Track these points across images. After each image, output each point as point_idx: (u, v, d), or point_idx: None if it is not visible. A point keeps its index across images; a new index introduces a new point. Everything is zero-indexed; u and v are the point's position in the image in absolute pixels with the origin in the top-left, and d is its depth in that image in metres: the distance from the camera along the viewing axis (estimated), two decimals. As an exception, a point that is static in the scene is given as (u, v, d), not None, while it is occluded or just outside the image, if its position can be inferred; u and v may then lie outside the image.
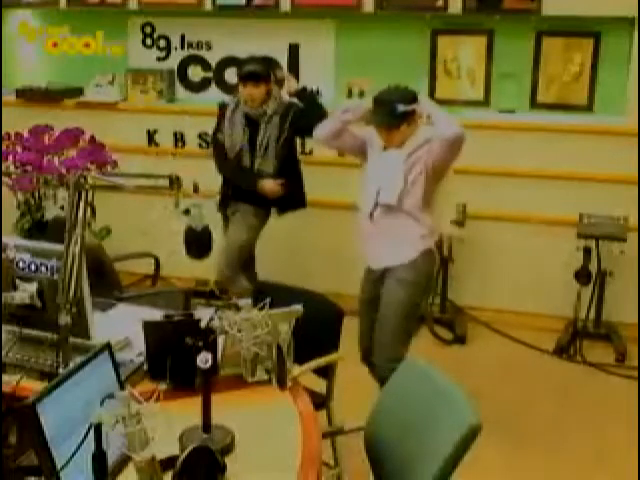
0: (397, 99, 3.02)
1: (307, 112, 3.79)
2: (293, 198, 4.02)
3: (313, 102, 3.92)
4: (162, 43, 4.99)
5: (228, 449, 1.80)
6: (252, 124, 3.87)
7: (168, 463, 1.60)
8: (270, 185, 3.90)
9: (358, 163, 3.83)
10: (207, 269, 3.87)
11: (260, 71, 3.81)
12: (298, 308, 2.14)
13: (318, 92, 4.81)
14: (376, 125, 3.09)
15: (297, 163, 4.12)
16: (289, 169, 3.99)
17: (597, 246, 4.18)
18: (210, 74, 4.95)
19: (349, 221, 4.63)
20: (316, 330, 2.40)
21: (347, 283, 4.23)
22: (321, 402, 2.61)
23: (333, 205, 4.60)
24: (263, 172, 3.88)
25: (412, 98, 3.06)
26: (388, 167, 3.09)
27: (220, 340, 2.06)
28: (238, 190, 4.01)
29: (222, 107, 3.99)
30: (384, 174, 3.10)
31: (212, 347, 1.92)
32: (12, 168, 4.22)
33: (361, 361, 3.36)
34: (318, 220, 4.66)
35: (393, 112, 2.99)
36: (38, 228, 4.27)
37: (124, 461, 1.64)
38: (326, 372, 2.61)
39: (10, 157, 4.24)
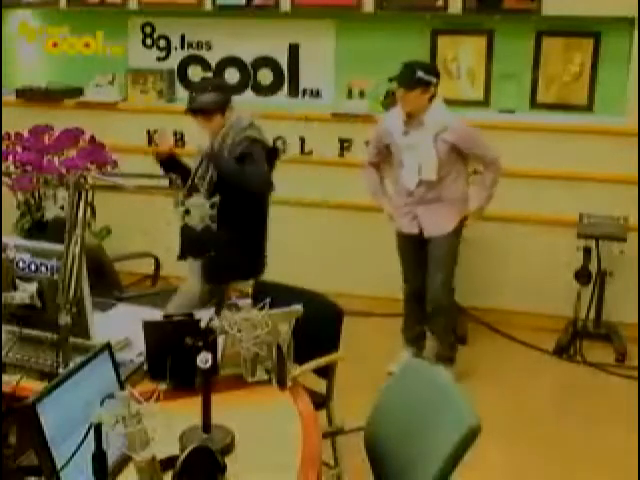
0: (419, 67, 3.54)
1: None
2: (232, 263, 3.34)
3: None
4: (162, 43, 4.99)
5: (228, 449, 1.80)
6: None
7: (168, 463, 1.60)
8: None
9: (358, 163, 3.85)
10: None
11: (207, 105, 3.25)
12: (298, 308, 2.14)
13: (319, 92, 4.82)
14: (397, 84, 3.60)
15: (247, 217, 3.34)
16: (232, 222, 3.17)
17: (597, 246, 4.18)
18: (210, 74, 4.95)
19: (349, 221, 4.65)
20: (316, 330, 2.40)
21: (347, 283, 4.25)
22: (321, 402, 2.61)
23: (333, 205, 4.60)
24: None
25: (433, 72, 3.60)
26: (420, 147, 3.58)
27: (220, 340, 2.06)
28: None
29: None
30: (418, 153, 3.59)
31: (212, 347, 1.92)
32: (12, 168, 4.23)
33: (409, 302, 3.95)
34: (318, 220, 4.66)
35: (412, 75, 3.50)
36: (38, 228, 4.27)
37: (124, 461, 1.64)
38: (326, 372, 2.61)
39: (10, 157, 4.24)
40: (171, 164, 3.28)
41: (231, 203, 2.97)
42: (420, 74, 3.49)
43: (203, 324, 2.05)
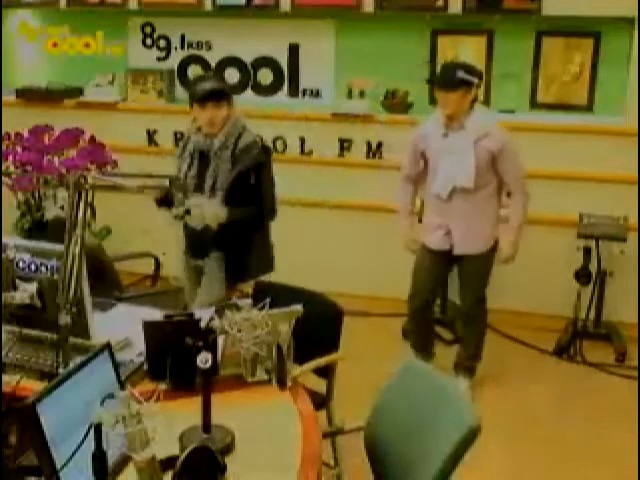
0: (460, 67, 3.42)
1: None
2: (249, 260, 3.23)
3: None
4: (162, 43, 4.99)
5: (228, 449, 1.80)
6: (202, 157, 3.17)
7: (168, 463, 1.60)
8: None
9: (358, 163, 3.84)
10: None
11: (221, 87, 3.16)
12: (298, 308, 2.14)
13: (319, 92, 4.82)
14: (437, 86, 3.47)
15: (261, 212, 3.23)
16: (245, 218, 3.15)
17: (597, 246, 4.18)
18: (210, 74, 4.94)
19: (349, 221, 4.65)
20: (316, 330, 2.40)
21: (347, 283, 4.25)
22: (321, 402, 2.61)
23: (333, 205, 4.60)
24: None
25: (475, 72, 3.42)
26: (458, 151, 3.40)
27: (220, 340, 2.06)
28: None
29: (179, 139, 3.35)
30: (456, 158, 3.41)
31: (212, 347, 1.93)
32: (12, 168, 4.23)
33: (416, 319, 3.79)
34: (318, 220, 4.66)
35: (453, 76, 3.35)
36: (38, 228, 4.28)
37: (124, 461, 1.64)
38: (326, 372, 2.61)
39: (10, 157, 4.24)
40: (166, 199, 3.14)
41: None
42: (461, 74, 3.34)
43: (203, 324, 2.05)
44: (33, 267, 2.25)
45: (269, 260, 3.34)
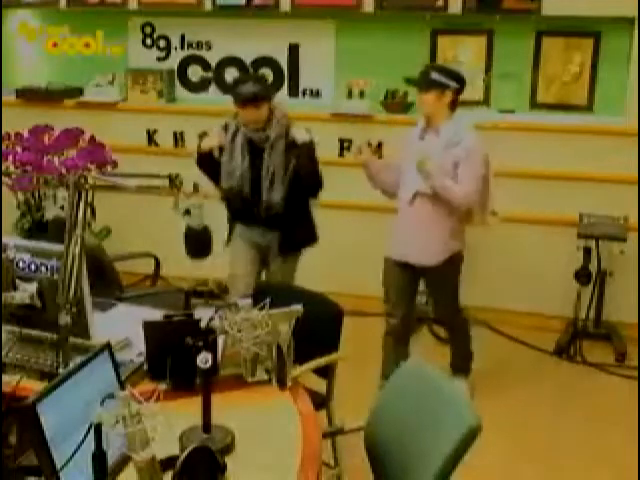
0: (437, 68, 3.43)
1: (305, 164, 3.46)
2: (302, 233, 3.63)
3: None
4: (162, 43, 4.99)
5: (228, 449, 1.80)
6: (255, 150, 3.45)
7: (168, 463, 1.60)
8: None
9: (358, 163, 3.84)
10: (207, 269, 3.87)
11: (260, 92, 3.37)
12: (298, 308, 2.14)
13: (319, 92, 4.82)
14: (413, 86, 3.52)
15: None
16: (298, 200, 3.53)
17: (597, 246, 4.18)
18: (210, 74, 4.95)
19: (349, 221, 4.65)
20: (316, 330, 2.40)
21: (347, 283, 4.25)
22: (321, 402, 2.61)
23: (333, 205, 4.60)
24: (272, 202, 3.44)
25: (453, 75, 3.36)
26: (428, 154, 3.32)
27: (220, 340, 2.06)
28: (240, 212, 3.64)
29: (224, 129, 3.56)
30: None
31: (212, 347, 1.93)
32: (12, 168, 4.22)
33: (390, 340, 3.69)
34: (318, 220, 4.66)
35: (427, 76, 3.35)
36: (38, 228, 4.28)
37: (124, 461, 1.64)
38: (326, 372, 2.61)
39: (10, 157, 4.24)
40: (207, 159, 3.48)
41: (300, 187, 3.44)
42: (435, 76, 3.32)
43: (203, 324, 2.05)
44: (33, 267, 2.25)
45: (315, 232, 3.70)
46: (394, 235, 3.56)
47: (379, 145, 4.52)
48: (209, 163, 3.49)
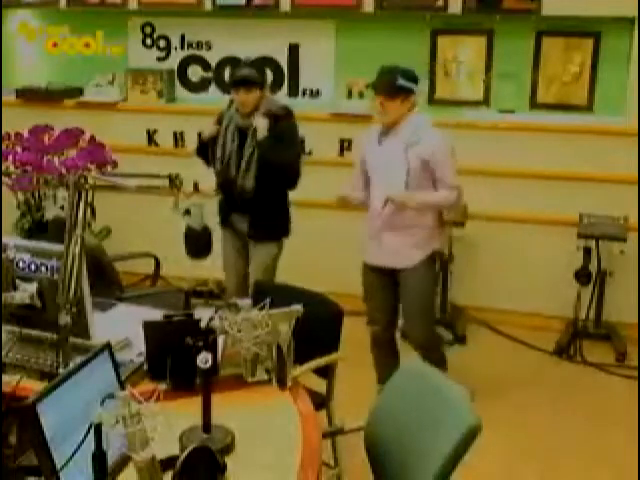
0: (400, 73, 3.22)
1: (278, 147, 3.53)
2: (272, 221, 3.71)
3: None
4: (162, 43, 4.99)
5: (228, 449, 1.80)
6: (243, 135, 3.61)
7: (168, 463, 1.60)
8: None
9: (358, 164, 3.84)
10: (207, 269, 3.88)
11: (252, 76, 3.55)
12: (298, 308, 2.14)
13: (319, 92, 4.82)
14: (376, 92, 3.26)
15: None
16: (270, 187, 3.62)
17: (597, 246, 4.18)
18: (210, 74, 4.95)
19: (349, 221, 4.65)
20: (316, 330, 2.40)
21: (347, 283, 4.23)
22: (321, 402, 2.61)
23: (334, 205, 4.59)
24: (244, 187, 3.58)
25: (414, 78, 3.26)
26: (390, 159, 3.26)
27: (220, 340, 2.06)
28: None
29: (220, 116, 3.72)
30: (388, 166, 3.27)
31: (212, 347, 1.93)
32: (12, 168, 4.22)
33: (377, 347, 3.60)
34: (318, 220, 4.66)
35: (393, 82, 3.19)
36: (38, 228, 4.27)
37: (124, 461, 1.64)
38: (326, 372, 2.61)
39: (10, 157, 4.24)
40: (205, 147, 3.68)
41: (269, 177, 3.56)
42: (402, 82, 3.18)
43: (203, 324, 2.05)
44: (33, 267, 2.25)
45: (288, 224, 3.82)
46: (368, 241, 3.43)
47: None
48: (205, 150, 3.69)
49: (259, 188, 3.59)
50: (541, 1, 4.15)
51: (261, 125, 3.50)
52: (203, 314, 2.16)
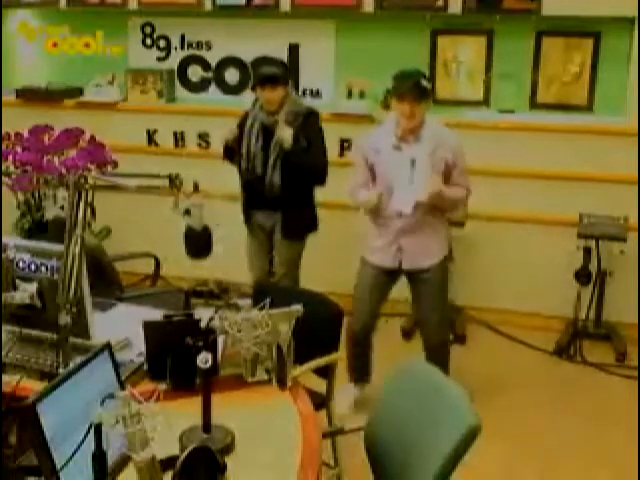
0: (422, 75, 3.22)
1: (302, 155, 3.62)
2: (302, 217, 3.82)
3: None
4: (162, 43, 4.99)
5: (228, 449, 1.80)
6: (267, 133, 3.67)
7: (168, 463, 1.60)
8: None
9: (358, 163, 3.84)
10: (207, 269, 3.87)
11: (278, 74, 3.61)
12: (298, 308, 2.14)
13: (319, 92, 4.82)
14: (404, 97, 3.14)
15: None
16: (297, 183, 3.69)
17: (597, 246, 4.18)
18: (210, 74, 4.95)
19: (349, 221, 4.65)
20: (316, 330, 2.40)
21: (347, 283, 4.23)
22: (321, 402, 2.61)
23: (334, 205, 4.59)
24: (273, 183, 3.66)
25: (429, 79, 3.32)
26: (417, 165, 3.20)
27: (220, 340, 2.06)
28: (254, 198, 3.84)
29: (242, 119, 3.78)
30: (415, 172, 3.21)
31: (212, 347, 1.92)
32: (12, 168, 4.22)
33: (356, 344, 3.54)
34: (319, 220, 4.65)
35: (420, 85, 3.14)
36: (38, 228, 4.27)
37: (124, 461, 1.64)
38: (326, 372, 2.61)
39: (10, 157, 4.23)
40: (230, 149, 3.76)
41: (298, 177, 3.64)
42: (425, 83, 3.16)
43: (203, 324, 2.05)
44: (33, 267, 2.25)
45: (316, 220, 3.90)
46: (378, 247, 3.39)
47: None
48: (231, 153, 3.77)
49: (286, 185, 3.66)
50: (541, 1, 4.15)
51: (286, 136, 3.53)
52: (203, 314, 2.15)
